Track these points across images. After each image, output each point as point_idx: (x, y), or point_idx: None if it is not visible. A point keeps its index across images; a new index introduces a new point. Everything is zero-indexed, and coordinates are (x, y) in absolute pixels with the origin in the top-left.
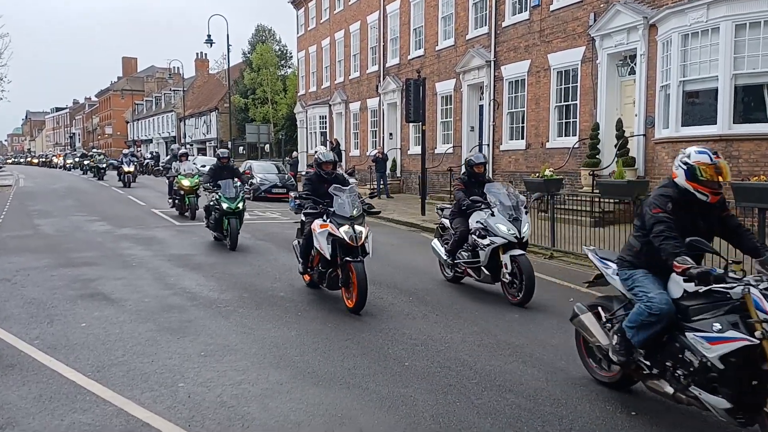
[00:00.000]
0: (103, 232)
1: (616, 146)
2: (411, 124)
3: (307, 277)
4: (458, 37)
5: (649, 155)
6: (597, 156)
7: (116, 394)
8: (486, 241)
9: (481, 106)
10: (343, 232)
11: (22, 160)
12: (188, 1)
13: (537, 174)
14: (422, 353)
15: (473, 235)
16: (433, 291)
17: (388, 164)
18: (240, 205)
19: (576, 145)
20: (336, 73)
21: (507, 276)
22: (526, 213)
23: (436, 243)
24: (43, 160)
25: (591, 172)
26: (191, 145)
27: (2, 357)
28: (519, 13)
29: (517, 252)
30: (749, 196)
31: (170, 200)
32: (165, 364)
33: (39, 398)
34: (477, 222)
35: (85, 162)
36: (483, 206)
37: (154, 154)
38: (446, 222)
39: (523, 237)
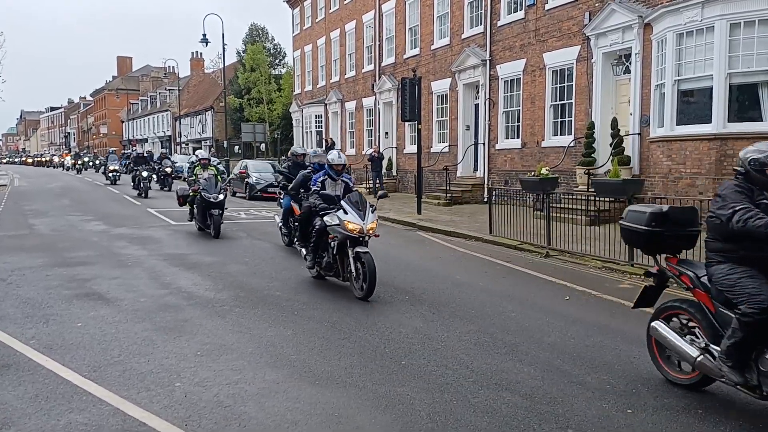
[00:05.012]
0: (99, 232)
1: (611, 145)
2: (407, 123)
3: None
4: (454, 36)
5: (644, 154)
6: (592, 155)
7: (112, 393)
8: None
9: (476, 105)
10: None
11: (17, 160)
12: (184, 1)
13: (533, 173)
14: (419, 352)
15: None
16: (430, 290)
17: (384, 163)
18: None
19: (571, 144)
20: (332, 73)
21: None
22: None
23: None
24: (39, 159)
25: (586, 171)
26: (186, 144)
27: None
28: (514, 12)
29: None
30: None
31: None
32: (161, 364)
33: (35, 398)
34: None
35: (144, 174)
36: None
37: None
38: None
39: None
